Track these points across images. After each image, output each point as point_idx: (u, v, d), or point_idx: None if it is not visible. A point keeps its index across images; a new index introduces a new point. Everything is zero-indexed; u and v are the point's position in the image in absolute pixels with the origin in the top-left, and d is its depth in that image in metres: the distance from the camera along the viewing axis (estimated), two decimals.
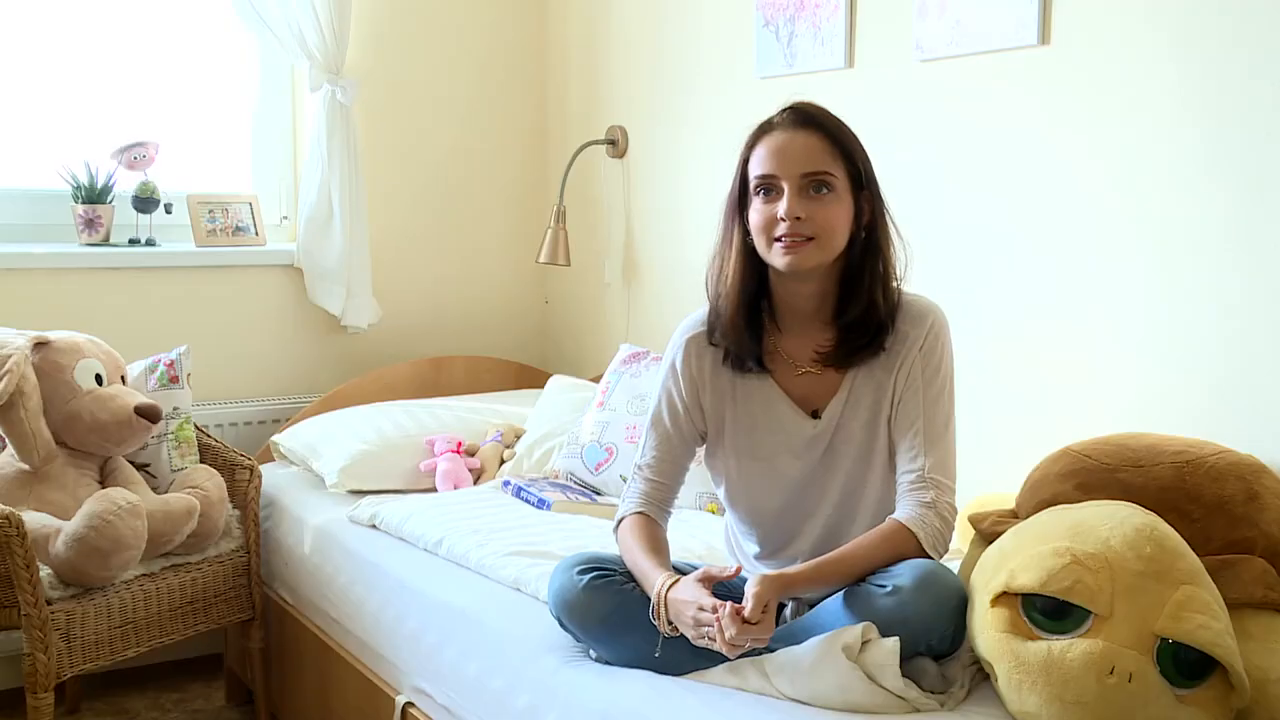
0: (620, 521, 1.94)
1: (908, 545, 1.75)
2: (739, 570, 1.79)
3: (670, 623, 1.73)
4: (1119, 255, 2.21)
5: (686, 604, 1.69)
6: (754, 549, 1.98)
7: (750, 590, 1.65)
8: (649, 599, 1.77)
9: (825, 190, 1.78)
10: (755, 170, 1.81)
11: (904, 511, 1.79)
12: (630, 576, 1.84)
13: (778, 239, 1.78)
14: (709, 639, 1.65)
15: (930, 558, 1.75)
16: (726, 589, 1.85)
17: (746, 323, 1.87)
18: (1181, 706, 1.51)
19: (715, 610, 1.64)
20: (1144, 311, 2.17)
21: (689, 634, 1.69)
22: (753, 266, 1.86)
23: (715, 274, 1.90)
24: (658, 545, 1.87)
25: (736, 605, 1.64)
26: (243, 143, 3.48)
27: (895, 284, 1.87)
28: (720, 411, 1.93)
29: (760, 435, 1.91)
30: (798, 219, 1.76)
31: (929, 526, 1.76)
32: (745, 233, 1.84)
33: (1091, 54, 2.22)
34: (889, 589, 1.68)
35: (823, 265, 1.81)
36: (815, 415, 1.88)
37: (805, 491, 1.90)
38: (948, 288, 2.48)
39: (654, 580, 1.77)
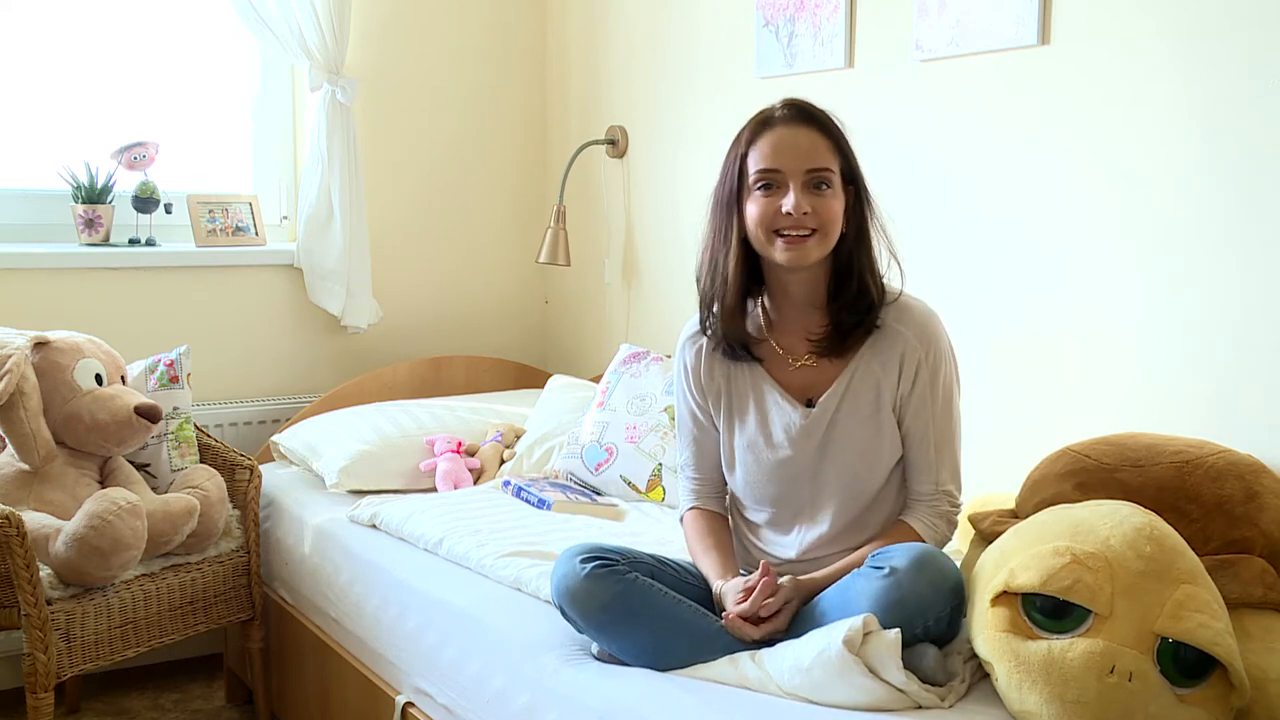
0: (682, 518, 2.08)
1: None
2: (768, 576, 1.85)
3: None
4: (1119, 254, 2.21)
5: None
6: (759, 545, 2.01)
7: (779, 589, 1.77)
8: (653, 587, 1.83)
9: (825, 186, 1.83)
10: (756, 165, 1.84)
11: (917, 519, 1.92)
12: (632, 566, 1.86)
13: (780, 234, 1.83)
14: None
15: None
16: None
17: (737, 314, 1.93)
18: (1182, 706, 1.51)
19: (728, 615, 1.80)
20: (1144, 311, 2.17)
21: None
22: (749, 260, 1.91)
23: (709, 268, 1.94)
24: (715, 540, 1.99)
25: (752, 587, 1.77)
26: (243, 143, 3.48)
27: (889, 264, 1.94)
28: (717, 403, 2.00)
29: (754, 424, 1.95)
30: (805, 213, 1.81)
31: (938, 532, 1.91)
32: (742, 226, 1.88)
33: (1091, 54, 2.22)
34: (885, 570, 1.70)
35: (823, 257, 1.86)
36: (809, 405, 1.92)
37: (802, 482, 1.93)
38: (947, 287, 2.49)
39: (712, 583, 1.92)
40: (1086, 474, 1.84)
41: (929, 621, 1.68)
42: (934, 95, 2.53)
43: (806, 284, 1.91)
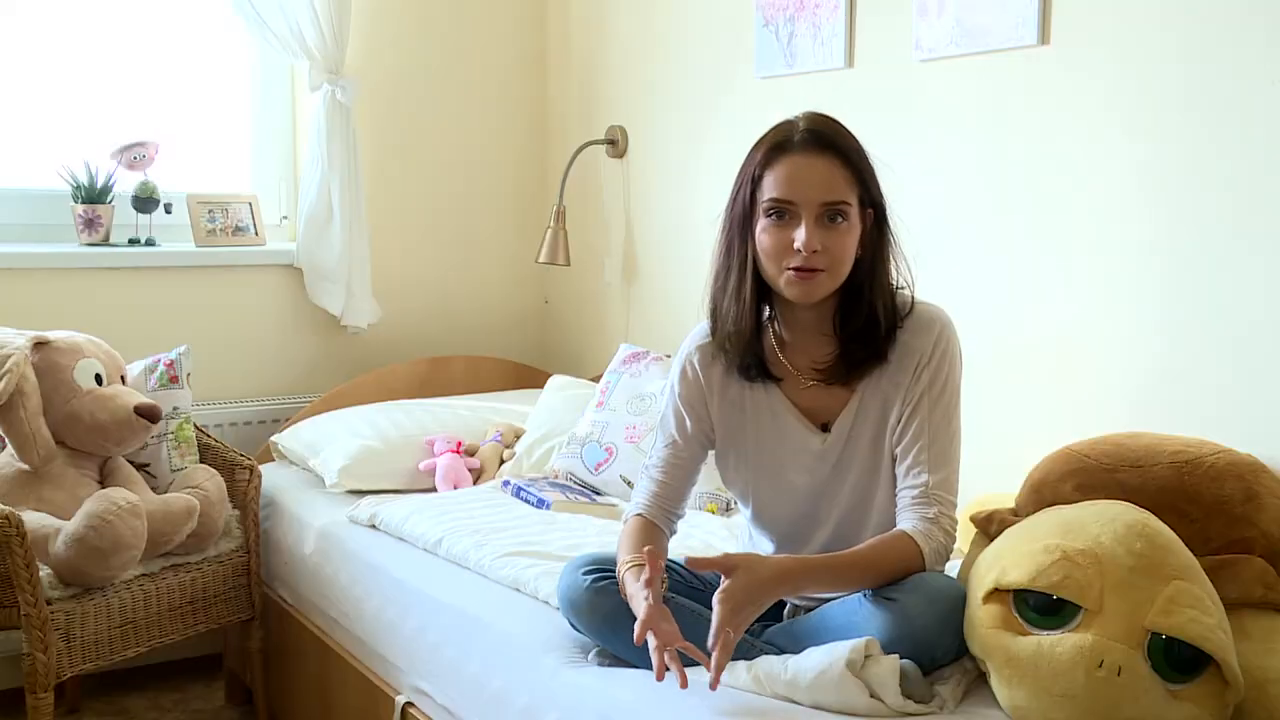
0: (626, 521, 1.96)
1: (911, 556, 1.74)
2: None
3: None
4: (1120, 254, 2.21)
5: (633, 600, 1.73)
6: (769, 550, 1.98)
7: (719, 608, 1.63)
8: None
9: (840, 219, 1.75)
10: (769, 192, 1.76)
11: (909, 523, 1.78)
12: None
13: (790, 268, 1.75)
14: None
15: (926, 571, 1.75)
16: (704, 581, 1.91)
17: (753, 336, 1.86)
18: (1174, 701, 1.51)
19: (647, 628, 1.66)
20: (1144, 310, 2.17)
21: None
22: (759, 284, 1.83)
23: (720, 290, 1.87)
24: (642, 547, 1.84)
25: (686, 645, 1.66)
26: (243, 143, 3.48)
27: (903, 292, 1.85)
28: (728, 421, 1.93)
29: (769, 447, 1.90)
30: (815, 251, 1.73)
31: (933, 540, 1.76)
32: (753, 249, 1.81)
33: (1091, 54, 2.22)
34: (895, 602, 1.67)
35: (831, 292, 1.80)
36: (825, 429, 1.87)
37: (815, 502, 1.90)
38: (947, 288, 2.48)
39: (620, 572, 1.81)
40: (1086, 474, 1.84)
41: (936, 654, 1.67)
42: (934, 95, 2.53)
43: (815, 311, 1.84)
